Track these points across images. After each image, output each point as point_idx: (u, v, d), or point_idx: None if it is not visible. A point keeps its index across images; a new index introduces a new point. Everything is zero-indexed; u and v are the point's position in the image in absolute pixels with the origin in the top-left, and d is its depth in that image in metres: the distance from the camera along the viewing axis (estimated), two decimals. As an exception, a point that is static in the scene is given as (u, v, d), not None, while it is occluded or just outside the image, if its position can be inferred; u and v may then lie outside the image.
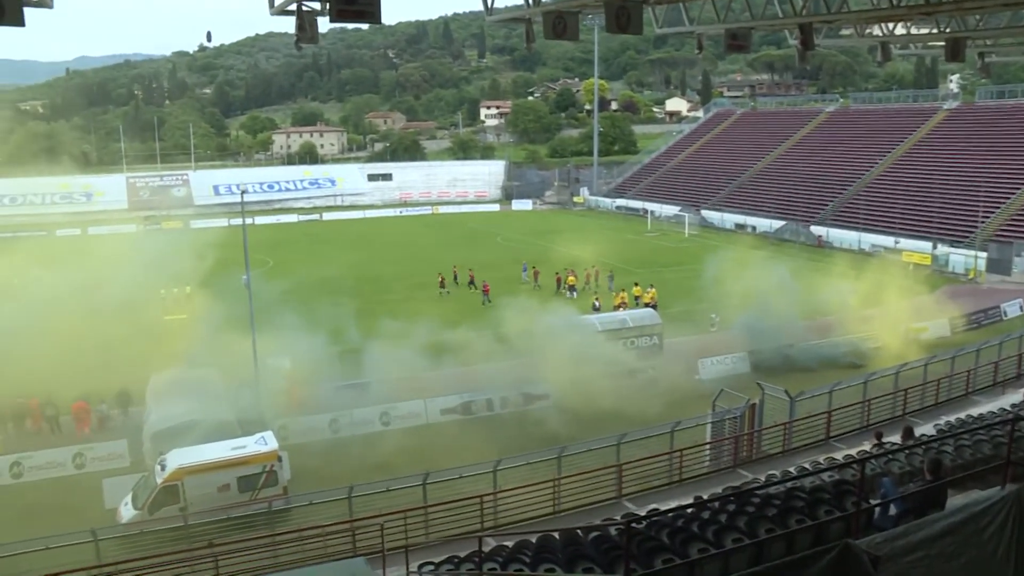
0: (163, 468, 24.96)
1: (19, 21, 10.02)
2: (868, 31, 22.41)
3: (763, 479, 19.50)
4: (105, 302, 37.00)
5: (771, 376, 33.63)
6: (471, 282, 58.10)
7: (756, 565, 9.64)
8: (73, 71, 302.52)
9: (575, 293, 55.02)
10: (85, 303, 36.47)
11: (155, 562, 20.63)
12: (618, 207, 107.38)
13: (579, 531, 14.07)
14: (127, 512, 24.63)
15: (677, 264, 51.26)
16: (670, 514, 12.84)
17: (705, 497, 16.29)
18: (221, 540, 20.53)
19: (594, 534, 13.45)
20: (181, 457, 25.18)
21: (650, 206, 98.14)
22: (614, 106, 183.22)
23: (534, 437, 29.20)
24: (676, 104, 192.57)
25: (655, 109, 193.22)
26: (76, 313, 35.37)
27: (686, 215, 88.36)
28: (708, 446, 26.53)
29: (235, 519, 23.33)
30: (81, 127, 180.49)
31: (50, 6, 10.57)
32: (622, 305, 46.69)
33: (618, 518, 16.27)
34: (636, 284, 50.00)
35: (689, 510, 13.38)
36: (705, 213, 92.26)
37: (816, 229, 78.37)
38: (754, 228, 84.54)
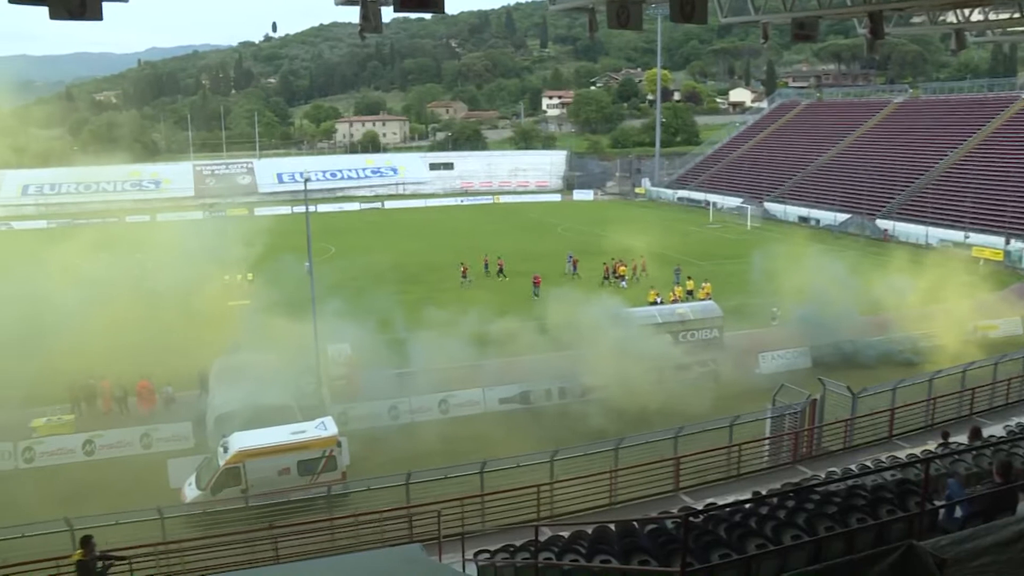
0: (225, 450, 25.44)
1: (98, 15, 10.23)
2: (942, 18, 21.74)
3: (823, 476, 19.19)
4: (171, 288, 37.83)
5: (831, 371, 33.05)
6: (500, 271, 58.47)
7: (815, 563, 9.49)
8: (145, 62, 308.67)
9: (625, 283, 54.89)
10: (153, 288, 37.33)
11: (217, 541, 21.12)
12: (680, 198, 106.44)
13: (635, 523, 13.99)
14: (191, 492, 25.19)
15: (738, 257, 50.57)
16: (727, 509, 12.70)
17: (763, 493, 16.05)
18: (280, 522, 20.89)
19: (650, 527, 13.36)
20: (243, 440, 25.64)
21: (712, 198, 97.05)
22: (677, 96, 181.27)
23: (591, 428, 29.10)
24: (740, 95, 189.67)
25: (718, 100, 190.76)
26: (144, 298, 36.22)
27: (748, 207, 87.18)
28: (767, 441, 26.20)
29: (294, 502, 23.71)
30: (151, 116, 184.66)
31: (125, 0, 10.75)
32: (675, 300, 46.28)
33: (675, 511, 16.17)
34: (689, 278, 49.42)
35: (747, 505, 13.23)
36: (768, 205, 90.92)
37: (882, 223, 76.71)
38: (818, 221, 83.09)
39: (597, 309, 38.80)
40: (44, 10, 10.02)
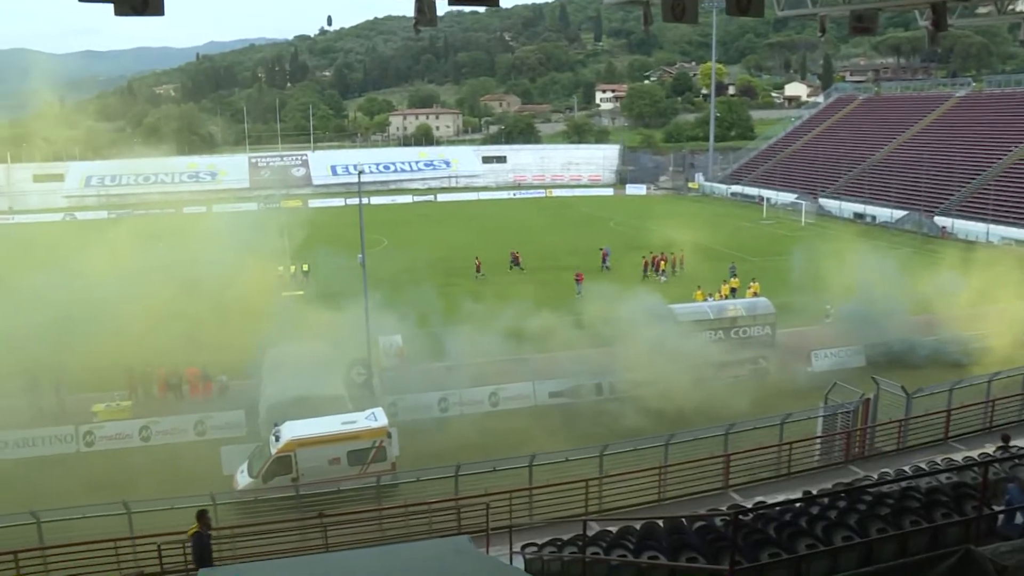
0: (277, 439, 25.80)
1: (159, 11, 10.42)
2: (1011, 7, 21.10)
3: (876, 477, 18.88)
4: (226, 278, 38.39)
5: (884, 371, 32.46)
6: (516, 262, 59.01)
7: (866, 565, 9.36)
8: (203, 56, 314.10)
9: (664, 277, 54.54)
10: (208, 278, 37.92)
11: (268, 528, 21.45)
12: (733, 194, 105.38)
13: (684, 520, 13.92)
14: (243, 479, 25.60)
15: (791, 253, 49.81)
16: (777, 507, 12.59)
17: (814, 492, 15.85)
18: (330, 511, 21.11)
19: (699, 524, 13.29)
20: (294, 429, 25.97)
21: (766, 193, 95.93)
22: (731, 91, 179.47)
23: (640, 424, 28.97)
24: (795, 89, 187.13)
25: (773, 94, 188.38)
26: (199, 288, 36.81)
27: (803, 203, 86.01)
28: (818, 440, 25.84)
29: (344, 491, 23.96)
30: (208, 109, 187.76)
31: (184, -8, 10.91)
32: (723, 298, 45.71)
33: (724, 509, 16.04)
34: (735, 277, 48.58)
35: (797, 504, 13.09)
36: (823, 201, 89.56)
37: (940, 220, 75.15)
38: (873, 218, 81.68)
39: (647, 305, 38.64)
40: (109, 7, 10.23)
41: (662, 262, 55.97)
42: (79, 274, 37.62)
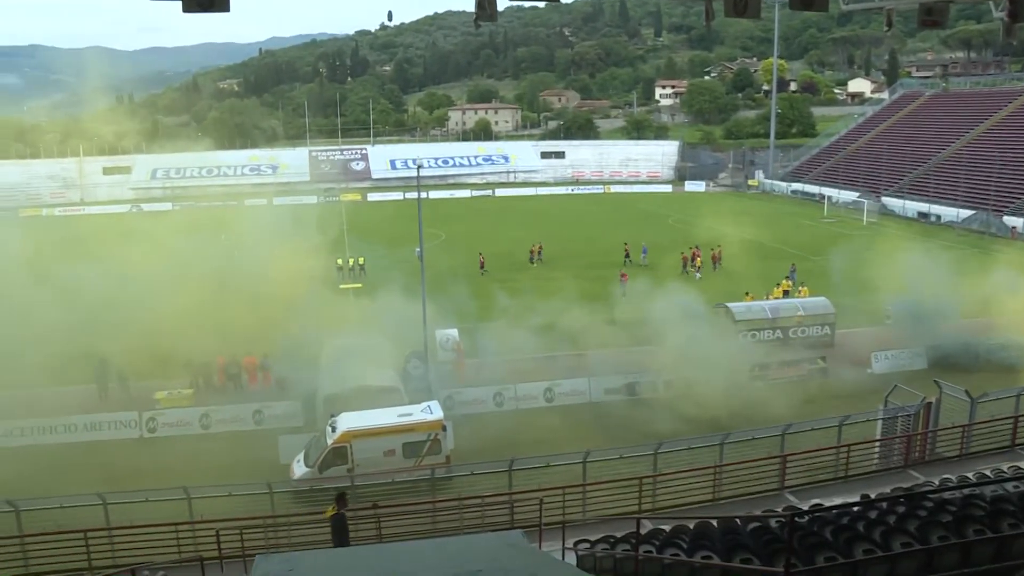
0: (333, 430, 26.11)
1: (225, 7, 10.61)
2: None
3: (937, 483, 18.50)
4: (285, 270, 38.94)
5: (945, 374, 31.72)
6: (536, 255, 59.31)
7: (926, 573, 9.18)
8: (265, 51, 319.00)
9: (700, 273, 54.29)
10: (266, 270, 38.50)
11: (323, 517, 21.72)
12: (793, 191, 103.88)
13: (738, 520, 13.80)
14: (299, 469, 25.96)
15: (852, 252, 48.88)
16: (834, 511, 12.40)
17: (872, 496, 15.59)
18: (384, 502, 21.31)
19: (754, 525, 13.16)
20: (351, 421, 26.26)
21: (827, 191, 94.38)
22: (793, 87, 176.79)
23: (696, 422, 28.72)
24: (859, 85, 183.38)
25: (836, 90, 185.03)
26: (258, 279, 37.38)
27: (865, 202, 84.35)
28: (878, 443, 25.37)
29: (399, 483, 24.17)
30: (270, 103, 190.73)
31: (249, -10, 11.10)
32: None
33: (779, 510, 15.87)
34: (787, 278, 47.37)
35: (855, 508, 12.88)
36: (886, 200, 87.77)
37: (1009, 220, 73.17)
38: (939, 217, 79.81)
39: (702, 302, 38.34)
40: (178, 4, 10.46)
41: (697, 258, 55.64)
42: (142, 263, 38.44)
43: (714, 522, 13.91)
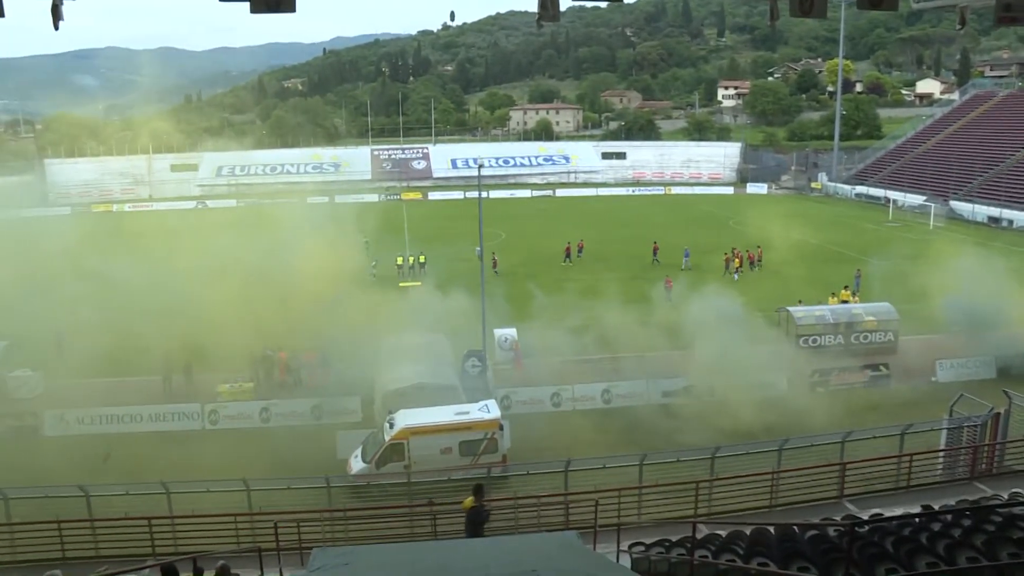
0: (391, 427, 26.34)
1: (292, 7, 10.82)
2: None
3: (1006, 497, 18.01)
4: (345, 267, 39.42)
5: (1016, 384, 30.86)
6: (568, 255, 59.47)
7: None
8: (329, 51, 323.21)
9: (737, 275, 53.81)
10: (327, 266, 39.00)
11: (379, 513, 22.01)
12: (857, 195, 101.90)
13: (796, 528, 13.63)
14: (356, 464, 26.23)
15: (918, 257, 47.73)
16: (895, 521, 12.19)
17: (936, 508, 15.24)
18: (440, 500, 21.45)
19: (812, 533, 12.99)
20: (408, 418, 26.46)
21: (892, 195, 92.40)
22: (859, 88, 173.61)
23: (756, 426, 28.40)
24: (928, 86, 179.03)
25: (904, 91, 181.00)
26: (318, 276, 37.88)
27: (932, 206, 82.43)
28: (942, 454, 24.81)
29: (454, 481, 24.28)
30: (333, 102, 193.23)
31: (315, -10, 11.32)
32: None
33: (838, 519, 15.62)
34: (846, 288, 46.15)
35: (917, 519, 12.64)
36: (954, 204, 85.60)
37: (1086, 226, 70.91)
38: (1011, 222, 77.61)
39: (753, 305, 37.90)
40: (245, 5, 10.69)
41: (735, 259, 55.08)
42: (204, 258, 39.20)
43: (771, 528, 13.75)
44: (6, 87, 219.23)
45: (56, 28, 11.73)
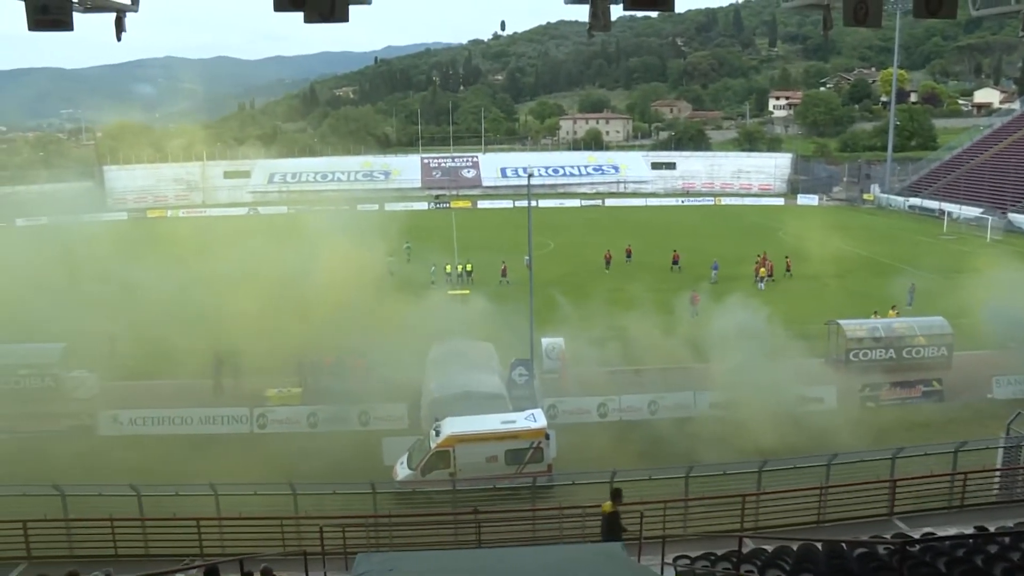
0: (437, 434, 26.43)
1: (345, 17, 10.92)
2: None
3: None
4: (394, 274, 39.68)
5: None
6: (608, 262, 60.71)
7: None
8: (380, 60, 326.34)
9: (763, 284, 53.51)
10: (374, 273, 39.33)
11: (424, 520, 22.10)
12: (911, 207, 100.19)
13: (844, 545, 13.42)
14: (402, 471, 26.35)
15: (974, 270, 46.71)
16: (948, 542, 11.93)
17: (991, 529, 14.88)
18: (485, 508, 21.47)
19: (860, 550, 12.79)
20: (454, 425, 26.54)
21: (947, 207, 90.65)
22: (913, 98, 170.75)
23: (803, 440, 28.00)
24: (986, 95, 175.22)
25: (960, 101, 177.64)
26: (366, 282, 38.19)
27: (989, 218, 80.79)
28: (998, 473, 24.23)
29: (500, 490, 24.32)
30: (384, 111, 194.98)
31: (369, 2, 11.43)
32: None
33: (888, 537, 15.36)
34: (893, 308, 44.82)
35: (972, 540, 12.36)
36: (1012, 217, 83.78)
37: None
38: (1073, 237, 75.83)
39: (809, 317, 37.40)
40: (299, 15, 10.84)
41: (761, 268, 54.64)
42: (254, 264, 39.71)
43: (819, 545, 13.56)
44: (70, 97, 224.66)
45: (119, 39, 12.01)
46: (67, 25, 11.14)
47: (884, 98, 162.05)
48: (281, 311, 35.33)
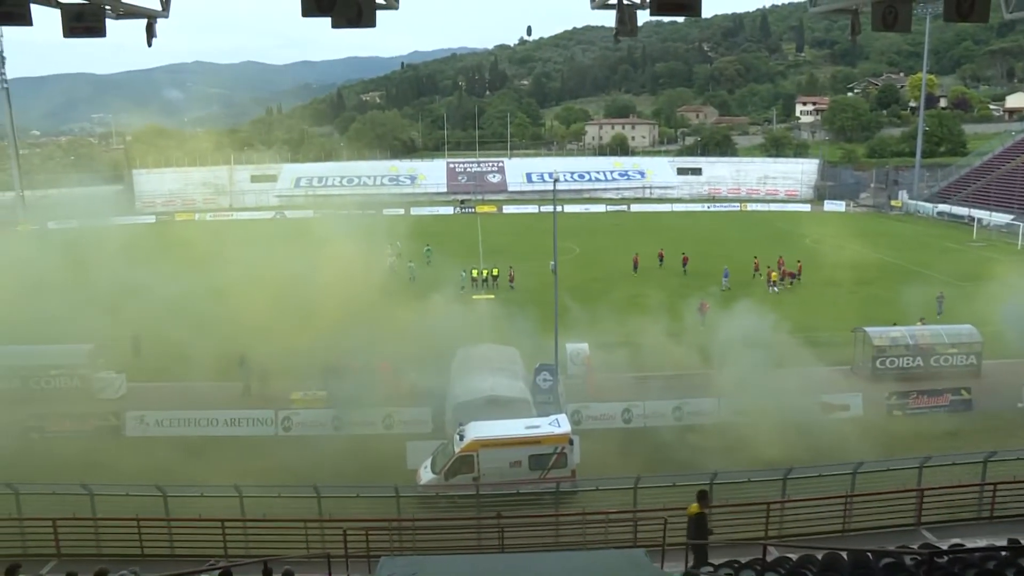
0: (461, 438, 26.47)
1: (372, 23, 11.02)
2: None
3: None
4: (419, 278, 39.75)
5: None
6: (636, 266, 61.23)
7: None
8: (407, 65, 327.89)
9: (775, 288, 53.41)
10: (399, 278, 39.42)
11: (447, 524, 22.12)
12: (939, 213, 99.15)
13: (870, 554, 13.27)
14: (426, 475, 26.41)
15: (1004, 278, 46.18)
16: (978, 554, 11.76)
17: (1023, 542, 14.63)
18: (508, 513, 21.46)
19: (887, 560, 12.64)
20: (479, 430, 26.57)
21: (977, 213, 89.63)
22: (943, 103, 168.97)
23: (828, 448, 27.76)
24: (1019, 100, 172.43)
25: (992, 106, 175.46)
26: (391, 286, 38.35)
27: (1020, 224, 79.79)
28: (1030, 483, 23.89)
29: (523, 495, 24.32)
30: (410, 115, 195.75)
31: (396, 7, 11.51)
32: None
33: (915, 547, 15.19)
34: (921, 319, 44.03)
35: (1004, 552, 12.18)
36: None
37: None
38: (1106, 244, 74.69)
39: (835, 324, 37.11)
40: (327, 20, 10.94)
41: (773, 273, 54.48)
42: (279, 267, 39.97)
43: (844, 554, 13.41)
44: (102, 102, 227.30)
45: (149, 45, 12.20)
46: (100, 31, 11.34)
47: (913, 103, 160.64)
48: (305, 315, 35.53)
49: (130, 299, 38.70)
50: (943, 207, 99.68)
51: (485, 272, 56.44)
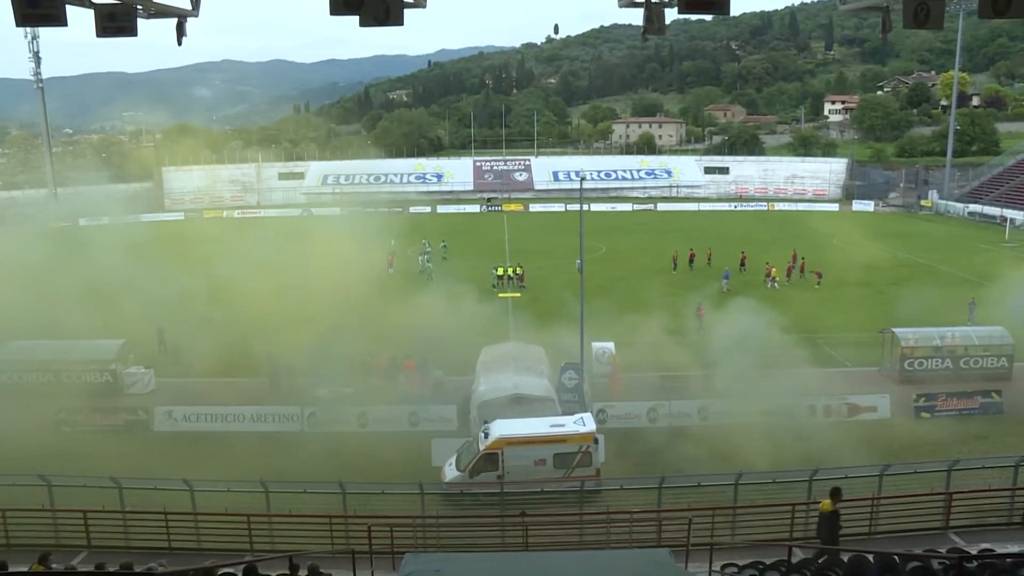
0: (486, 436, 26.49)
1: (400, 21, 11.06)
2: None
3: None
4: (446, 276, 39.88)
5: None
6: (676, 264, 61.47)
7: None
8: (434, 63, 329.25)
9: (775, 284, 53.33)
10: (427, 276, 39.52)
11: (471, 521, 22.17)
12: (971, 213, 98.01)
13: (896, 557, 13.17)
14: (450, 472, 26.46)
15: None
16: (1009, 559, 11.64)
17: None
18: (532, 511, 21.48)
19: (914, 564, 12.54)
20: (503, 428, 26.58)
21: (1009, 213, 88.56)
22: (975, 101, 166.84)
23: (857, 449, 27.57)
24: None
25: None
26: (417, 285, 38.47)
27: (1054, 226, 78.76)
28: (1063, 488, 23.57)
29: (547, 494, 24.30)
30: (437, 114, 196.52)
31: (424, 6, 11.55)
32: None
33: (943, 551, 15.05)
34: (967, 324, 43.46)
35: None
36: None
37: None
38: None
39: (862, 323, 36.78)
40: (354, 19, 11.00)
41: (773, 268, 54.32)
42: (307, 265, 40.24)
43: (870, 557, 13.32)
44: (132, 100, 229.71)
45: (179, 44, 12.34)
46: (132, 31, 11.48)
47: (944, 102, 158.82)
48: (330, 311, 35.72)
49: (158, 295, 39.11)
50: (974, 207, 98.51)
51: (509, 270, 56.50)
